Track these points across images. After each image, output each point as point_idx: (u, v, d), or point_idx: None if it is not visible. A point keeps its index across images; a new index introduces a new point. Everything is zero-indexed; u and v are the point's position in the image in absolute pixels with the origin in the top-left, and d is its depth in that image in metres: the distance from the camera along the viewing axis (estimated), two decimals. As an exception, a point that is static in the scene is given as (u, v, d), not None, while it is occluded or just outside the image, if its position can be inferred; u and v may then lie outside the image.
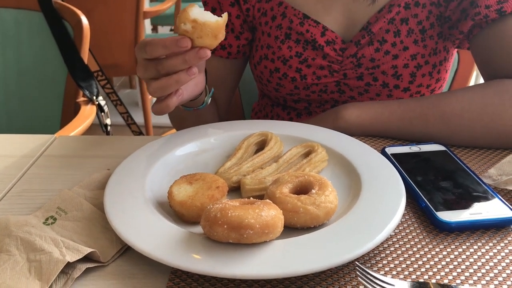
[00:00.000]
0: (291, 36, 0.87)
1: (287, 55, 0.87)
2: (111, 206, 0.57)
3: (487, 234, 0.56)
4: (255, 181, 0.61)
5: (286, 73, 0.88)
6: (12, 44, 1.37)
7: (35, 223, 0.56)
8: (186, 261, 0.48)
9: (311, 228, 0.54)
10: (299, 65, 0.87)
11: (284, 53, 0.87)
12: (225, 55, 0.93)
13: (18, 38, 1.37)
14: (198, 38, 0.59)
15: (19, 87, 1.39)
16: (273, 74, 0.89)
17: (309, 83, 0.88)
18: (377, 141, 0.77)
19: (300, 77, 0.87)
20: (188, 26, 0.58)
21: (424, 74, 0.85)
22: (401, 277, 0.50)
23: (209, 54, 0.60)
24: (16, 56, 1.38)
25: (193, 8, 0.59)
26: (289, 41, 0.87)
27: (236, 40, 0.92)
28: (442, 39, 0.85)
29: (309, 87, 0.88)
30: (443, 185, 0.62)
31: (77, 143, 0.81)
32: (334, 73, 0.86)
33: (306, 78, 0.87)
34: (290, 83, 0.88)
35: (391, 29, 0.83)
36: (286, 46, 0.87)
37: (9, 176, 0.71)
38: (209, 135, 0.75)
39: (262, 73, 0.91)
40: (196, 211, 0.55)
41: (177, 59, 0.60)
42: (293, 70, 0.87)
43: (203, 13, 0.59)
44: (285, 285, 0.49)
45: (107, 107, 1.38)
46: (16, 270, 0.49)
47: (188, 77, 0.61)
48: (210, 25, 0.58)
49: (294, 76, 0.87)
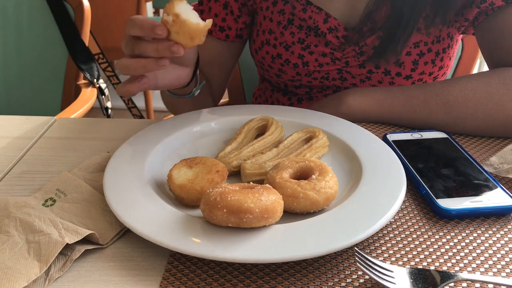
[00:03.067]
0: (294, 22, 0.86)
1: (290, 41, 0.86)
2: (111, 189, 0.57)
3: (487, 222, 0.56)
4: (255, 166, 0.61)
5: (288, 59, 0.87)
6: (12, 26, 1.36)
7: (34, 205, 0.56)
8: (185, 244, 0.48)
9: (310, 214, 0.54)
10: (301, 51, 0.86)
11: (286, 39, 0.86)
12: (222, 37, 0.92)
13: (18, 20, 1.36)
14: (175, 33, 0.58)
15: (19, 69, 1.39)
16: (275, 60, 0.88)
17: (311, 70, 0.87)
18: (379, 127, 0.77)
19: (302, 63, 0.87)
20: (170, 18, 0.57)
21: (426, 61, 0.84)
22: (400, 263, 0.50)
23: (181, 52, 0.58)
24: (16, 38, 1.37)
25: (181, 2, 0.58)
26: (292, 27, 0.86)
27: (235, 23, 0.91)
28: (446, 26, 0.84)
29: (311, 74, 0.88)
30: (444, 172, 0.62)
31: (77, 125, 0.81)
32: (336, 61, 0.86)
33: (308, 65, 0.86)
34: (292, 69, 0.88)
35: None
36: (288, 32, 0.86)
37: (9, 158, 0.70)
38: (210, 119, 0.75)
39: (263, 58, 0.90)
40: (196, 195, 0.55)
41: (150, 45, 0.59)
42: (295, 56, 0.86)
43: (189, 10, 0.58)
44: (283, 269, 0.49)
45: (107, 90, 1.37)
46: (15, 251, 0.49)
47: (156, 66, 0.59)
48: (189, 25, 0.57)
49: (296, 63, 0.87)
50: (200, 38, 0.59)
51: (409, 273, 0.47)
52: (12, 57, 1.38)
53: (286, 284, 0.47)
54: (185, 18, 0.57)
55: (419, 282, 0.45)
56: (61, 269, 0.49)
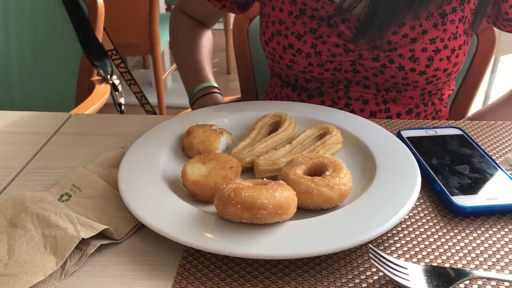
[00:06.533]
0: (306, 11, 0.85)
1: (301, 31, 0.85)
2: (125, 184, 0.57)
3: (502, 219, 0.55)
4: (268, 162, 0.61)
5: (300, 48, 0.86)
6: (27, 23, 1.37)
7: (50, 200, 0.57)
8: (199, 239, 0.48)
9: (324, 210, 0.54)
10: (314, 40, 0.85)
11: (298, 28, 0.86)
12: (219, 6, 0.99)
13: (33, 17, 1.37)
14: None
15: (34, 66, 1.40)
16: (286, 50, 0.88)
17: (324, 60, 0.86)
18: (393, 123, 0.77)
19: (314, 53, 0.86)
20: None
21: (442, 58, 0.83)
22: (414, 260, 0.50)
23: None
24: (31, 34, 1.38)
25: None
26: (304, 17, 0.85)
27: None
28: (462, 23, 0.83)
29: (323, 64, 0.87)
30: (459, 169, 0.61)
31: (92, 121, 0.82)
32: (349, 52, 0.85)
33: (321, 55, 0.86)
34: (304, 59, 0.87)
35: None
36: (300, 22, 0.85)
37: (25, 153, 0.71)
38: (223, 116, 0.75)
39: (274, 49, 0.89)
40: (210, 191, 0.55)
41: None
42: (308, 45, 0.86)
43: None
44: (297, 265, 0.49)
45: (121, 87, 1.38)
46: (31, 245, 0.50)
47: None
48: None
49: (308, 52, 0.86)
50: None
51: (423, 270, 0.46)
52: (27, 54, 1.39)
53: (300, 280, 0.47)
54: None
55: (434, 280, 0.45)
56: (77, 263, 0.50)
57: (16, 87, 1.42)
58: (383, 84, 0.87)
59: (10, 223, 0.53)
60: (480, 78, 1.16)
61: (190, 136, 0.66)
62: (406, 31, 0.81)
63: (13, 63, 1.40)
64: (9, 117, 0.83)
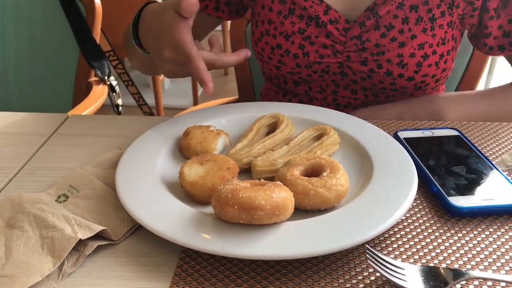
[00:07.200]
0: (295, 11, 0.85)
1: (290, 31, 0.85)
2: (123, 185, 0.57)
3: (499, 220, 0.56)
4: (266, 163, 0.61)
5: (288, 49, 0.86)
6: (25, 23, 1.37)
7: (47, 201, 0.57)
8: (196, 240, 0.48)
9: (321, 211, 0.54)
10: (302, 41, 0.85)
11: (286, 28, 0.86)
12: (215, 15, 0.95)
13: (30, 17, 1.37)
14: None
15: (31, 66, 1.40)
16: (274, 51, 0.87)
17: (312, 61, 0.86)
18: (390, 124, 0.77)
19: (302, 54, 0.86)
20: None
21: (430, 64, 0.83)
22: (411, 261, 0.50)
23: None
24: (28, 35, 1.38)
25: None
26: (293, 16, 0.85)
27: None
28: (451, 28, 0.83)
29: (311, 66, 0.87)
30: (455, 170, 0.62)
31: (90, 122, 0.82)
32: (337, 54, 0.85)
33: (309, 56, 0.85)
34: (292, 60, 0.87)
35: (399, 15, 0.81)
36: (289, 22, 0.85)
37: (22, 154, 0.71)
38: (220, 116, 0.75)
39: (263, 49, 0.89)
40: (207, 192, 0.55)
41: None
42: (296, 46, 0.85)
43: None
44: (294, 266, 0.49)
45: (118, 87, 1.38)
46: (29, 246, 0.50)
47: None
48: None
49: (296, 53, 0.86)
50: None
51: (420, 271, 0.47)
52: (24, 54, 1.39)
53: (297, 281, 0.48)
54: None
55: (431, 280, 0.45)
56: (74, 264, 0.50)
57: (14, 88, 1.41)
58: (371, 89, 0.87)
59: (7, 224, 0.53)
60: (477, 79, 1.16)
61: (188, 137, 0.66)
62: (394, 34, 0.81)
63: (11, 63, 1.40)
64: (6, 118, 0.83)
